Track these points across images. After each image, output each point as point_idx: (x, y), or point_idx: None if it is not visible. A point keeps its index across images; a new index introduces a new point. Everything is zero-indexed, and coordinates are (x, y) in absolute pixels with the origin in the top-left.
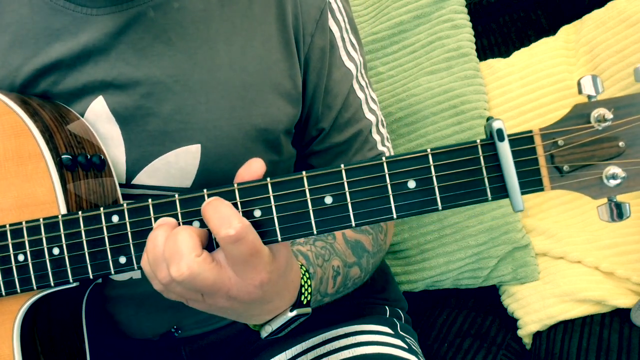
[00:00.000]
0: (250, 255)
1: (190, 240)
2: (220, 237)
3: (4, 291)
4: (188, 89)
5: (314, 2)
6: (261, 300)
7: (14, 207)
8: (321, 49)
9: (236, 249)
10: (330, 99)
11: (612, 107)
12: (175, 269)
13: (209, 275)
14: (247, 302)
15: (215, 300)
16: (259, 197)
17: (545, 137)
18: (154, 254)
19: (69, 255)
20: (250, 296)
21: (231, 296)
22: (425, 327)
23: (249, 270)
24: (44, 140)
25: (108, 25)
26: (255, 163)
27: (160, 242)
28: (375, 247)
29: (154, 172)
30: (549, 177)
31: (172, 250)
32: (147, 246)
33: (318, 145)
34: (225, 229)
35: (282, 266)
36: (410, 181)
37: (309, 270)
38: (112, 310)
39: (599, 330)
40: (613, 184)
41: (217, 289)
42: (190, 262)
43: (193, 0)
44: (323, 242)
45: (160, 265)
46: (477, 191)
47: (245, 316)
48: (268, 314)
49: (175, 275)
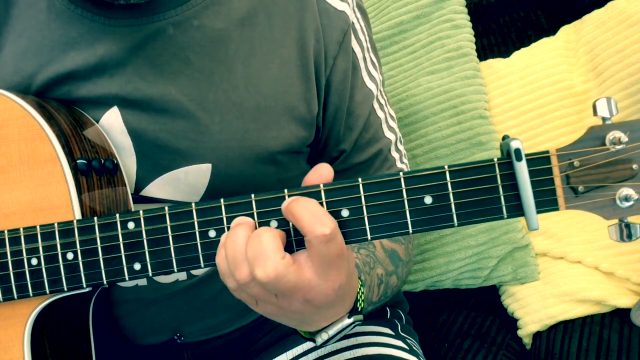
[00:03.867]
0: (337, 256)
1: (275, 241)
2: (314, 235)
3: (17, 294)
4: (202, 108)
5: (337, 24)
6: (332, 304)
7: (29, 211)
8: (344, 72)
9: (327, 249)
10: (352, 121)
11: (627, 130)
12: (262, 270)
13: (293, 277)
14: (319, 306)
15: (289, 303)
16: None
17: (561, 157)
18: (233, 252)
19: (83, 260)
20: (327, 299)
21: (308, 299)
22: (425, 327)
23: (332, 272)
24: (60, 144)
25: (126, 39)
26: (324, 168)
27: (241, 241)
28: (407, 257)
29: (163, 186)
30: (564, 197)
31: (256, 251)
32: (226, 244)
33: (339, 165)
34: (320, 227)
35: (352, 270)
36: (427, 197)
37: (361, 277)
38: (117, 315)
39: (599, 330)
40: (626, 205)
41: (296, 291)
42: (276, 263)
43: (213, 19)
44: (367, 250)
45: (240, 264)
46: (493, 209)
47: (309, 321)
48: (328, 319)
49: (261, 276)
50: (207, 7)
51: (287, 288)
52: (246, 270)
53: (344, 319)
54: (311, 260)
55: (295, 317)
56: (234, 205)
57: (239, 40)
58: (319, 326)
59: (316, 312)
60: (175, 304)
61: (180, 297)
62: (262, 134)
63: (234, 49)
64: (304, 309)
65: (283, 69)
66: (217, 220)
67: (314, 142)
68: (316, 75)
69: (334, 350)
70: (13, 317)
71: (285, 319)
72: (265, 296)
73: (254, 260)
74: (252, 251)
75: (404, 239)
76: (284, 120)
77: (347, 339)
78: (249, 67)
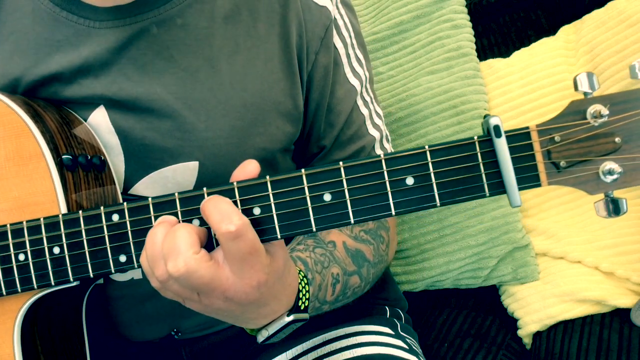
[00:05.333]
0: (249, 253)
1: (188, 237)
2: (220, 233)
3: (5, 290)
4: (188, 106)
5: (319, 20)
6: (258, 302)
7: (15, 207)
8: (325, 67)
9: (235, 246)
10: (332, 117)
11: (608, 103)
12: (172, 264)
13: (206, 273)
14: (243, 304)
15: (211, 301)
16: (259, 195)
17: (542, 133)
18: (152, 251)
19: (69, 254)
20: (247, 297)
21: (228, 297)
22: (425, 327)
23: (246, 270)
24: (44, 140)
25: (110, 40)
26: (249, 164)
27: (158, 239)
28: (376, 258)
29: (151, 184)
30: (546, 173)
31: (170, 247)
32: (146, 243)
33: (320, 161)
34: (225, 224)
35: (279, 268)
36: (409, 178)
37: (307, 275)
38: (113, 312)
39: (599, 330)
40: (610, 180)
41: (213, 288)
42: (187, 258)
43: (197, 17)
44: (323, 249)
45: (158, 261)
46: (475, 187)
47: (242, 319)
48: (264, 317)
49: (172, 271)
50: (190, 5)
51: (202, 284)
52: (163, 266)
53: (283, 317)
54: (226, 257)
55: (225, 314)
56: (215, 194)
57: (223, 38)
58: (258, 324)
59: (244, 310)
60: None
61: None
62: (248, 131)
63: (218, 47)
64: (228, 307)
65: (268, 65)
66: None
67: (299, 138)
68: (299, 70)
69: (333, 350)
70: (2, 313)
71: (219, 317)
72: (186, 293)
73: (166, 256)
74: (166, 247)
75: (373, 239)
76: (271, 116)
77: (347, 338)
78: (233, 65)
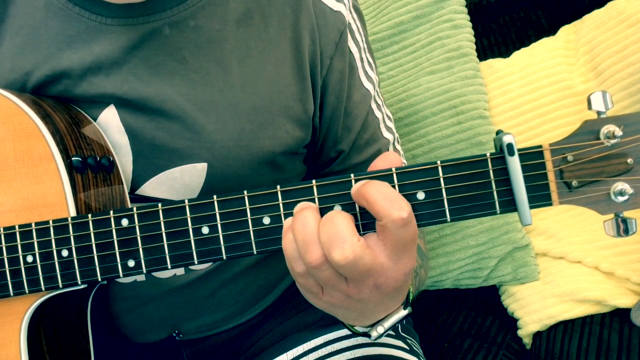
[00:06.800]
0: (412, 240)
1: (349, 224)
2: (391, 220)
3: (12, 291)
4: (198, 108)
5: (334, 24)
6: (400, 290)
7: (24, 209)
8: (340, 72)
9: (403, 232)
10: (349, 121)
11: (621, 124)
12: (340, 252)
13: (368, 260)
14: (387, 293)
15: (359, 289)
16: (268, 205)
17: (554, 152)
18: (304, 235)
19: (77, 257)
20: (395, 284)
21: (378, 284)
22: (425, 327)
23: (405, 256)
24: (54, 142)
25: (122, 38)
26: (391, 154)
27: (311, 223)
28: (427, 251)
29: (159, 185)
30: (558, 192)
31: (332, 233)
32: (294, 227)
33: (337, 166)
34: (397, 211)
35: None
36: (420, 192)
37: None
38: (115, 312)
39: (599, 330)
40: (621, 200)
41: (370, 275)
42: (354, 245)
43: (209, 19)
44: None
45: (312, 246)
46: (486, 204)
47: (369, 313)
48: (386, 311)
49: (339, 259)
50: (203, 7)
51: (363, 271)
52: (318, 252)
53: (400, 309)
54: (384, 244)
55: (359, 307)
56: (225, 202)
57: (234, 41)
58: (376, 318)
59: (381, 301)
60: (173, 301)
61: (178, 294)
62: (257, 134)
63: (230, 50)
64: (371, 297)
65: (278, 69)
66: (210, 216)
67: (311, 143)
68: (312, 75)
69: (334, 351)
70: (9, 314)
71: (345, 311)
72: (335, 281)
73: (329, 243)
74: (326, 234)
75: (420, 233)
76: (280, 120)
77: (348, 338)
78: (244, 68)
